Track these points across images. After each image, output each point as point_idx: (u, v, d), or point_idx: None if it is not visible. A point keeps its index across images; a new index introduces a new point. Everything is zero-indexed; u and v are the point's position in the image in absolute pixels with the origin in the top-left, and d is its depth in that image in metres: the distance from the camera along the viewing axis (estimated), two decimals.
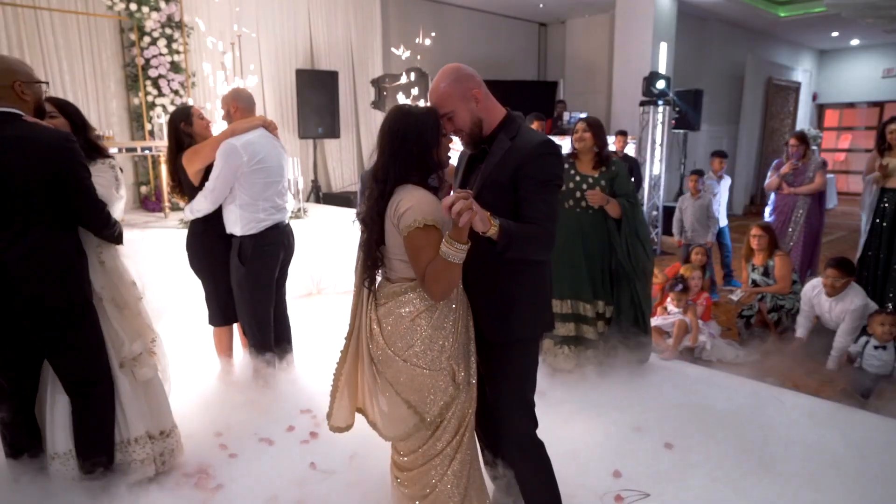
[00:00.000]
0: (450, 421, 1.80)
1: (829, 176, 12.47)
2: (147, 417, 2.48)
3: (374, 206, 1.73)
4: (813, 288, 4.01)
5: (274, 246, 3.12)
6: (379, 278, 1.85)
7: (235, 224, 3.04)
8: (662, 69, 8.49)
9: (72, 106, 2.50)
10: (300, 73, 6.85)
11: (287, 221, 3.26)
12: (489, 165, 1.76)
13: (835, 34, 11.52)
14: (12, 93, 2.10)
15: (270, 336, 3.27)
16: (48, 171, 2.06)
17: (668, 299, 4.26)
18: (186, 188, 3.11)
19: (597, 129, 3.34)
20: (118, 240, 2.37)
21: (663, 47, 8.72)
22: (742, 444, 2.83)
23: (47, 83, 2.31)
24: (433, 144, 1.72)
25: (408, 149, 1.69)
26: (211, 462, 2.67)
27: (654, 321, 4.15)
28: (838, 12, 8.37)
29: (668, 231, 8.07)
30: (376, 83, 6.96)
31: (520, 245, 1.61)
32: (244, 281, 3.09)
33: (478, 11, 9.42)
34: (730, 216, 6.20)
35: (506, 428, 1.89)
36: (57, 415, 2.32)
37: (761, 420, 3.08)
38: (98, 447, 2.33)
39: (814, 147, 11.86)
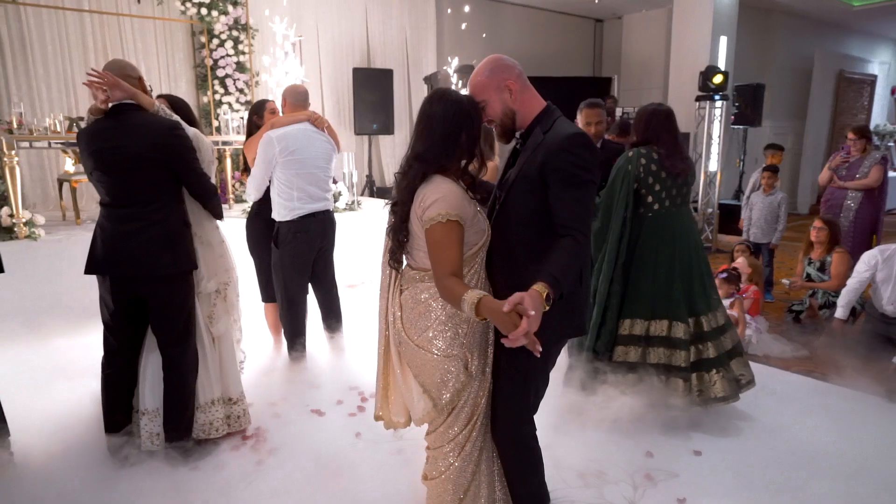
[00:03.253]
0: (462, 408, 1.80)
1: None
2: (221, 382, 2.76)
3: (409, 186, 1.71)
4: (882, 251, 3.62)
5: (305, 234, 3.30)
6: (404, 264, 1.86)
7: (275, 210, 3.31)
8: (722, 64, 8.29)
9: (182, 102, 2.85)
10: (356, 72, 7.11)
11: (326, 210, 3.41)
12: (522, 160, 1.75)
13: None
14: (139, 85, 2.48)
15: (301, 321, 3.49)
16: (161, 154, 2.41)
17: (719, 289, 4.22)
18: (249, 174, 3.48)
19: (635, 121, 3.08)
20: (218, 213, 2.72)
21: (723, 41, 8.51)
22: (777, 431, 2.84)
23: (151, 87, 2.65)
24: (478, 131, 1.76)
25: (458, 134, 1.70)
26: (267, 428, 2.90)
27: None
28: None
29: (723, 230, 7.91)
30: (428, 80, 7.14)
31: (568, 279, 1.56)
32: (277, 264, 3.36)
33: (532, 8, 9.45)
34: (794, 215, 5.95)
35: (497, 422, 1.87)
36: (148, 374, 2.62)
37: (800, 410, 3.07)
38: (183, 411, 2.61)
39: (890, 143, 11.30)
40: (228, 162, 5.78)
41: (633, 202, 2.90)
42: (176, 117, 2.55)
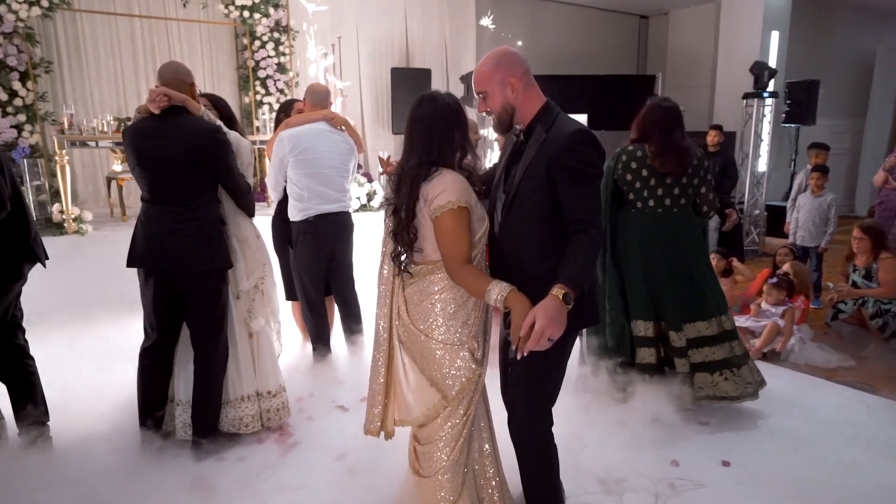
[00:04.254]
0: (462, 401, 1.80)
1: None
2: (256, 377, 2.82)
3: (412, 186, 1.73)
4: None
5: (315, 235, 3.28)
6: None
7: (290, 210, 3.34)
8: (773, 60, 7.97)
9: (222, 101, 2.92)
10: (395, 72, 7.16)
11: (340, 212, 3.36)
12: (526, 159, 1.77)
13: None
14: (191, 91, 2.59)
15: (321, 321, 3.50)
16: (201, 155, 2.51)
17: (763, 294, 4.05)
18: None
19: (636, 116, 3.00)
20: (251, 211, 2.78)
21: (774, 36, 8.19)
22: (815, 445, 2.71)
23: (200, 91, 2.79)
24: (467, 128, 1.82)
25: (451, 133, 1.76)
26: (291, 422, 2.95)
27: (745, 322, 3.98)
28: None
29: (772, 232, 7.60)
30: (465, 79, 7.12)
31: (585, 275, 1.61)
32: (293, 264, 3.41)
33: (575, 6, 9.31)
34: (850, 217, 5.66)
35: (515, 416, 1.89)
36: (183, 366, 2.71)
37: (843, 424, 2.92)
38: (210, 405, 2.67)
39: None
40: (267, 161, 5.91)
41: (620, 200, 2.92)
42: (218, 121, 2.62)
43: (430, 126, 1.74)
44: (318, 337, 3.51)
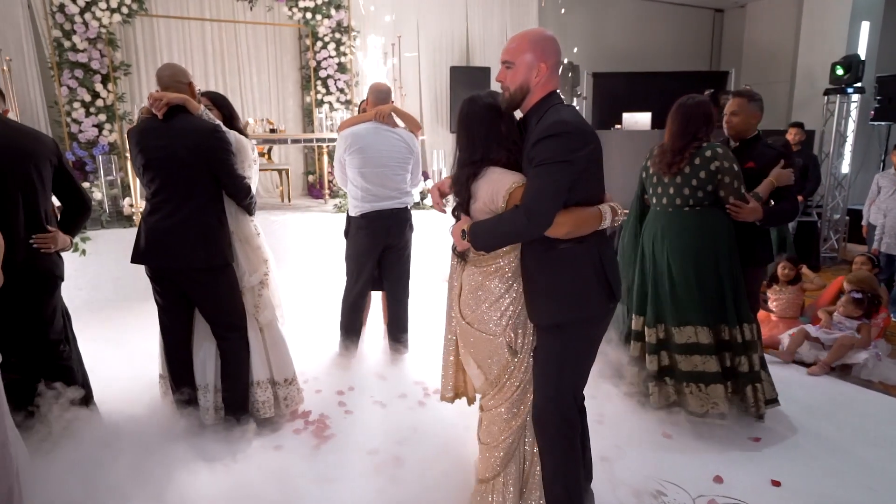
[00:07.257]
0: (508, 383, 1.91)
1: None
2: (269, 365, 2.87)
3: (465, 185, 1.83)
4: None
5: (367, 230, 3.32)
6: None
7: (349, 205, 3.42)
8: (862, 52, 7.37)
9: (223, 98, 2.94)
10: (454, 70, 7.16)
11: (396, 209, 3.37)
12: (524, 153, 1.83)
13: None
14: (188, 90, 2.64)
15: (354, 316, 3.53)
16: (201, 155, 2.55)
17: (840, 306, 3.74)
18: None
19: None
20: (251, 211, 2.81)
21: (864, 27, 7.58)
22: (882, 470, 2.48)
23: (200, 89, 2.83)
24: (511, 121, 1.87)
25: (497, 127, 1.83)
26: (330, 415, 3.00)
27: (815, 332, 3.70)
28: None
29: (853, 238, 7.05)
30: None
31: (486, 234, 1.75)
32: (345, 256, 3.46)
33: (644, 0, 9.00)
34: None
35: (535, 402, 1.94)
36: (202, 351, 2.80)
37: None
38: (237, 386, 2.76)
39: None
40: (325, 158, 6.06)
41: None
42: (217, 120, 2.65)
43: (469, 127, 1.83)
44: (348, 328, 3.55)
